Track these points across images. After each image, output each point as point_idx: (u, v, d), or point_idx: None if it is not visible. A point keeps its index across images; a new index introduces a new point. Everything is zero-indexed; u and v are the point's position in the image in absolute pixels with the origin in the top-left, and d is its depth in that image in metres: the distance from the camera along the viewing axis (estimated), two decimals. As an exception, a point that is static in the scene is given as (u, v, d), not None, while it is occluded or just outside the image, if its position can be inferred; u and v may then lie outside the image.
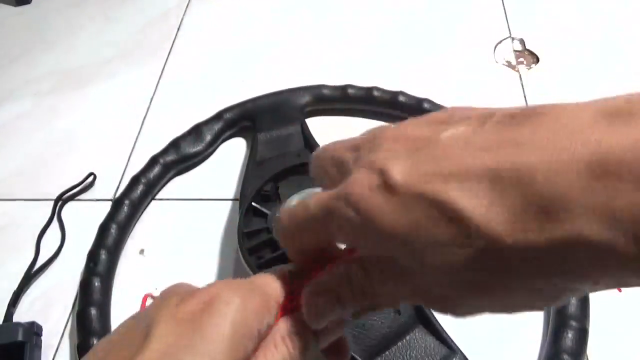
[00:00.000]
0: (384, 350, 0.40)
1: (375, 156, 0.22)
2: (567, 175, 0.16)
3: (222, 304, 0.22)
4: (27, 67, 0.76)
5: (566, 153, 0.16)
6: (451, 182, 0.19)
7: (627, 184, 0.15)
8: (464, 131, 0.22)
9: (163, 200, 0.59)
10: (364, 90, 0.63)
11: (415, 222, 0.19)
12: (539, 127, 0.18)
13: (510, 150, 0.18)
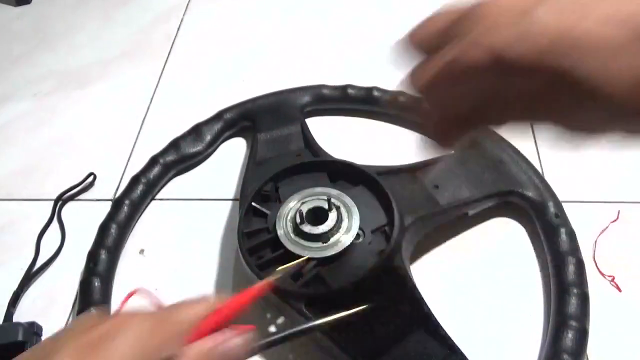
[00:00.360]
0: (385, 351, 0.40)
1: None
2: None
3: (121, 331, 0.22)
4: (28, 67, 0.77)
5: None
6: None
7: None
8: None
9: (163, 200, 0.59)
10: (364, 90, 0.63)
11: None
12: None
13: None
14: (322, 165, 0.51)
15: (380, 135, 0.63)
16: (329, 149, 0.56)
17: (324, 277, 0.43)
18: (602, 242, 0.50)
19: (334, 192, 0.47)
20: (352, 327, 0.41)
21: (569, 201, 0.53)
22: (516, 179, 0.52)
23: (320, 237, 0.44)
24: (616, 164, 0.57)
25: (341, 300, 0.42)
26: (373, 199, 0.48)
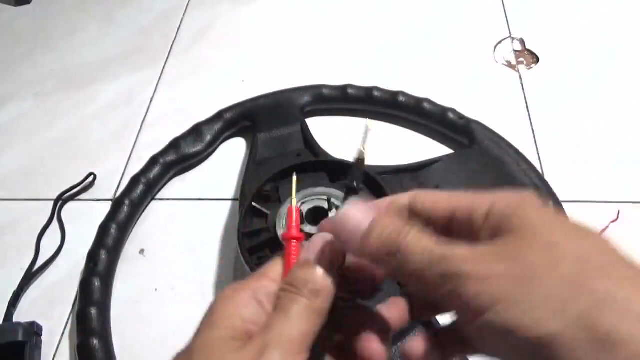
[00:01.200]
0: (384, 350, 0.40)
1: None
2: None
3: (214, 307, 0.25)
4: (28, 67, 0.77)
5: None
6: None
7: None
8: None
9: (163, 200, 0.59)
10: (364, 90, 0.63)
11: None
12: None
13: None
14: (322, 165, 0.51)
15: (380, 135, 0.63)
16: (329, 149, 0.56)
17: (324, 277, 0.43)
18: (602, 242, 0.50)
19: (334, 192, 0.47)
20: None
21: (569, 201, 0.53)
22: (516, 179, 0.52)
23: (320, 237, 0.44)
24: (616, 164, 0.57)
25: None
26: (373, 199, 0.48)
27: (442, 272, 0.22)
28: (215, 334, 0.24)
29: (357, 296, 0.28)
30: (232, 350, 0.23)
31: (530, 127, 0.62)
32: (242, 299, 0.25)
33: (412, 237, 0.23)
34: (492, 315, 0.20)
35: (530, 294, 0.20)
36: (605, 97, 0.65)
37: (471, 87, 0.67)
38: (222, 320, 0.24)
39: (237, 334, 0.24)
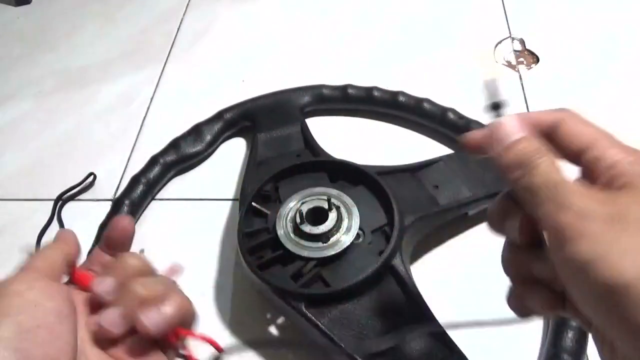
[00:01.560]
0: (385, 351, 0.40)
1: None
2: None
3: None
4: (28, 67, 0.77)
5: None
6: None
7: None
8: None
9: (163, 200, 0.59)
10: (364, 90, 0.63)
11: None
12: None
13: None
14: (322, 165, 0.51)
15: (380, 135, 0.63)
16: (329, 149, 0.56)
17: (324, 277, 0.43)
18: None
19: (334, 192, 0.47)
20: (351, 327, 0.41)
21: (569, 201, 0.53)
22: (516, 179, 0.52)
23: (320, 237, 0.44)
24: (616, 164, 0.57)
25: (341, 300, 0.42)
26: (373, 199, 0.48)
27: (553, 197, 0.24)
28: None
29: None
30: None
31: (530, 127, 0.62)
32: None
33: (544, 162, 0.27)
34: (577, 247, 0.22)
35: (619, 240, 0.21)
36: (605, 97, 0.64)
37: (471, 87, 0.67)
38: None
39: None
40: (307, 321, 0.41)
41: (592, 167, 0.27)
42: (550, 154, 0.27)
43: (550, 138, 0.29)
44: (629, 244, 0.21)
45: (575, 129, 0.29)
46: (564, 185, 0.25)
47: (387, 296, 0.42)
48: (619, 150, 0.27)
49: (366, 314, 0.42)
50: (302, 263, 0.43)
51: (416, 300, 0.42)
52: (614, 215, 0.22)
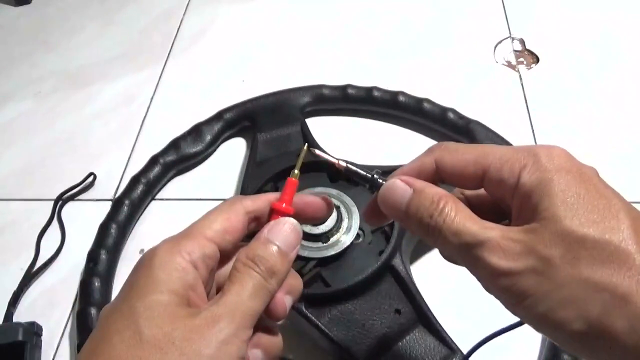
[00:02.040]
0: (385, 351, 0.40)
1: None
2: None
3: (145, 257, 0.26)
4: (28, 67, 0.77)
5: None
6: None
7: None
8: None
9: (163, 200, 0.59)
10: (364, 90, 0.63)
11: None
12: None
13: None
14: (322, 165, 0.51)
15: (380, 135, 0.63)
16: (329, 149, 0.56)
17: (324, 277, 0.43)
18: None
19: (334, 192, 0.47)
20: (351, 327, 0.41)
21: (569, 201, 0.53)
22: (516, 179, 0.52)
23: (320, 237, 0.44)
24: (616, 164, 0.57)
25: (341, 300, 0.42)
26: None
27: (475, 258, 0.24)
28: (161, 298, 0.24)
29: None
30: (182, 317, 0.23)
31: (530, 127, 0.62)
32: (180, 263, 0.25)
33: (446, 219, 0.25)
34: (523, 310, 0.23)
35: (553, 293, 0.23)
36: (605, 97, 0.65)
37: (471, 87, 0.67)
38: (164, 283, 0.24)
39: (181, 300, 0.24)
40: (307, 321, 0.41)
41: (499, 189, 0.26)
42: (446, 200, 0.26)
43: (442, 179, 0.28)
44: (562, 294, 0.22)
45: (458, 161, 0.27)
46: (481, 243, 0.24)
47: (387, 296, 0.42)
48: (514, 166, 0.25)
49: (366, 314, 0.42)
50: (302, 263, 0.43)
51: (416, 300, 0.42)
52: (539, 267, 0.23)
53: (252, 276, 0.26)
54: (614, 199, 0.25)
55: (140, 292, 0.24)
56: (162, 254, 0.25)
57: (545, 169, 0.25)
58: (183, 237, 0.27)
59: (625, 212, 0.24)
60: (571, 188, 0.25)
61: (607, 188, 0.26)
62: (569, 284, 0.23)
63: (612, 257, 0.23)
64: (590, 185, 0.25)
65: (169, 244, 0.26)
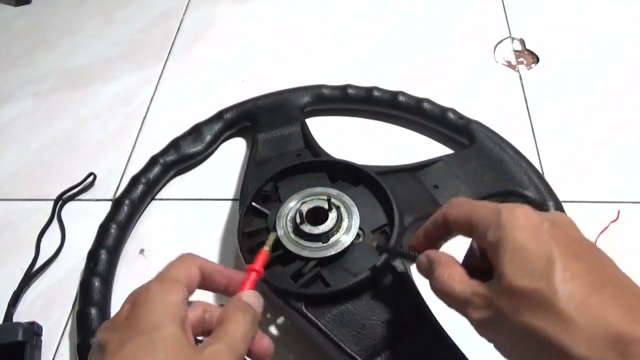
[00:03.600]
0: (384, 351, 0.40)
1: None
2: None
3: (143, 298, 0.29)
4: (28, 67, 0.77)
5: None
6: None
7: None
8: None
9: (163, 200, 0.59)
10: (364, 90, 0.63)
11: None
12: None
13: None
14: (322, 165, 0.51)
15: (380, 135, 0.63)
16: (329, 149, 0.56)
17: (324, 277, 0.43)
18: (602, 242, 0.50)
19: (334, 192, 0.47)
20: (351, 327, 0.41)
21: (569, 201, 0.53)
22: (516, 179, 0.52)
23: (320, 237, 0.44)
24: (616, 164, 0.57)
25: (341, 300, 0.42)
26: (373, 198, 0.48)
27: (461, 312, 0.31)
28: (173, 331, 0.27)
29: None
30: (192, 352, 0.27)
31: (530, 127, 0.62)
32: (176, 301, 0.29)
33: (437, 282, 0.32)
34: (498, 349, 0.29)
35: (506, 339, 0.28)
36: (605, 96, 0.65)
37: (471, 87, 0.67)
38: (170, 318, 0.28)
39: (184, 334, 0.28)
40: (307, 321, 0.41)
41: (482, 246, 0.31)
42: (441, 265, 0.33)
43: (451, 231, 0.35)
44: (511, 340, 0.28)
45: (456, 212, 0.33)
46: (460, 305, 0.30)
47: (387, 296, 0.42)
48: (482, 224, 0.31)
49: (366, 314, 0.42)
50: (302, 263, 0.43)
51: (416, 300, 0.42)
52: (492, 319, 0.28)
53: (247, 311, 0.31)
54: (556, 249, 0.27)
55: (152, 326, 0.27)
56: (157, 292, 0.29)
57: (504, 228, 0.29)
58: (165, 281, 0.31)
59: (561, 260, 0.27)
60: (520, 244, 0.28)
61: (557, 238, 0.28)
62: (514, 331, 0.27)
63: (541, 304, 0.26)
64: (540, 239, 0.28)
65: (157, 284, 0.30)
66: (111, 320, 0.29)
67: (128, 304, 0.29)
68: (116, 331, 0.27)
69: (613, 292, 0.26)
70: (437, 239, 0.36)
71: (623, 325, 0.24)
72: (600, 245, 0.29)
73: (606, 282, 0.26)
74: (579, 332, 0.25)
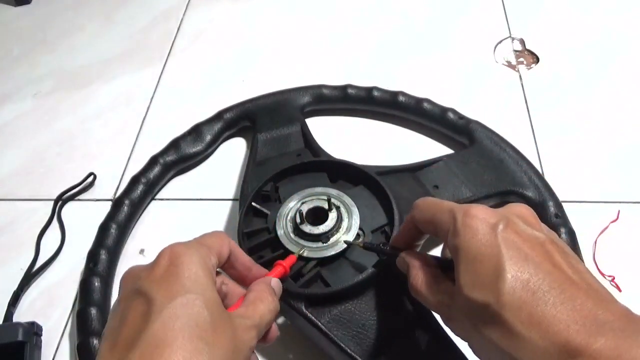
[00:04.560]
0: (384, 351, 0.40)
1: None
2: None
3: (184, 256, 0.29)
4: (28, 67, 0.77)
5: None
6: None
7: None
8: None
9: (163, 200, 0.59)
10: (364, 90, 0.63)
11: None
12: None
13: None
14: (322, 165, 0.51)
15: (380, 135, 0.63)
16: (329, 149, 0.56)
17: (324, 277, 0.43)
18: (602, 242, 0.50)
19: (334, 192, 0.47)
20: (351, 327, 0.41)
21: (569, 201, 0.53)
22: (516, 179, 0.52)
23: (320, 237, 0.44)
24: (616, 164, 0.57)
25: (341, 300, 0.42)
26: (373, 198, 0.48)
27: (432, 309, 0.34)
28: (214, 294, 0.29)
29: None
30: (228, 317, 0.29)
31: (530, 127, 0.62)
32: (215, 267, 0.31)
33: (412, 286, 0.34)
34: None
35: (474, 347, 0.30)
36: (605, 96, 0.65)
37: (471, 87, 0.67)
38: (212, 280, 0.30)
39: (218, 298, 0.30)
40: (307, 321, 0.41)
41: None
42: (415, 267, 0.34)
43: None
44: (474, 348, 0.30)
45: (419, 217, 0.34)
46: (432, 303, 0.33)
47: (387, 296, 0.42)
48: (443, 230, 0.31)
49: (366, 314, 0.42)
50: (302, 263, 0.43)
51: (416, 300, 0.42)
52: (459, 329, 0.30)
53: (272, 294, 0.34)
54: (506, 255, 0.27)
55: (196, 286, 0.28)
56: (197, 254, 0.30)
57: (459, 235, 0.29)
58: (203, 246, 0.32)
59: (509, 267, 0.27)
60: (473, 254, 0.28)
61: (508, 242, 0.28)
62: (477, 339, 0.28)
63: (493, 318, 0.27)
64: (492, 244, 0.28)
65: (197, 246, 0.31)
66: (148, 270, 0.29)
67: (166, 259, 0.29)
68: (159, 285, 0.28)
69: (562, 295, 0.26)
70: (412, 239, 0.37)
71: (569, 335, 0.24)
72: (600, 246, 0.29)
73: (554, 284, 0.26)
74: (528, 346, 0.25)
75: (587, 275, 0.27)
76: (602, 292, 0.27)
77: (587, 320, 0.24)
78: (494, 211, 0.30)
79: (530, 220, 0.30)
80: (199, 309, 0.27)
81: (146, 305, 0.27)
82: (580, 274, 0.27)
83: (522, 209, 0.31)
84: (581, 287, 0.26)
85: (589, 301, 0.25)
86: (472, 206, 0.30)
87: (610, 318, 0.24)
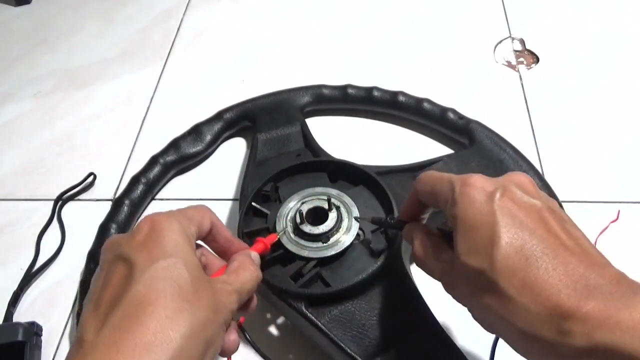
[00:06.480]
0: (385, 351, 0.40)
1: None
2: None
3: (164, 222, 0.30)
4: (28, 67, 0.77)
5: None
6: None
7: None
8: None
9: (163, 200, 0.59)
10: (364, 90, 0.63)
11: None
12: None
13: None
14: (322, 165, 0.51)
15: (380, 135, 0.63)
16: (329, 149, 0.56)
17: (324, 277, 0.43)
18: (602, 242, 0.50)
19: (334, 192, 0.47)
20: (351, 327, 0.41)
21: (569, 201, 0.53)
22: (516, 179, 0.52)
23: (320, 237, 0.44)
24: (616, 164, 0.57)
25: (341, 300, 0.42)
26: (373, 199, 0.48)
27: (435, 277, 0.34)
28: (193, 259, 0.30)
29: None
30: (208, 280, 0.30)
31: (530, 127, 0.62)
32: (194, 235, 0.32)
33: (415, 256, 0.35)
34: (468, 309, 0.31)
35: (474, 313, 0.31)
36: (605, 97, 0.65)
37: (471, 87, 0.67)
38: (191, 246, 0.31)
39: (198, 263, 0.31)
40: (307, 321, 0.41)
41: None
42: (417, 232, 0.36)
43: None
44: (475, 315, 0.31)
45: (420, 190, 0.35)
46: (432, 270, 0.34)
47: (387, 296, 0.42)
48: (442, 200, 0.32)
49: (366, 314, 0.42)
50: (302, 263, 0.43)
51: (416, 300, 0.42)
52: (460, 295, 0.31)
53: (253, 264, 0.35)
54: (501, 222, 0.28)
55: (176, 250, 0.29)
56: (177, 222, 0.31)
57: (457, 204, 0.30)
58: (184, 215, 0.32)
59: (504, 234, 0.27)
60: (470, 222, 0.29)
61: (504, 209, 0.28)
62: (477, 306, 0.29)
63: (488, 285, 0.27)
64: (488, 212, 0.28)
65: (178, 215, 0.32)
66: (129, 237, 0.30)
67: (146, 227, 0.30)
68: (140, 250, 0.29)
69: (555, 260, 0.26)
70: (417, 213, 0.38)
71: (560, 299, 0.25)
72: (600, 246, 0.29)
73: (547, 250, 0.26)
74: (521, 310, 0.26)
75: (582, 241, 0.28)
76: (596, 257, 0.27)
77: (578, 284, 0.25)
78: (491, 180, 0.30)
79: (528, 188, 0.30)
80: (179, 270, 0.28)
81: (128, 268, 0.28)
82: (576, 239, 0.27)
83: (520, 177, 0.31)
84: (575, 252, 0.26)
85: (582, 266, 0.26)
86: (471, 175, 0.31)
87: (601, 282, 0.25)
